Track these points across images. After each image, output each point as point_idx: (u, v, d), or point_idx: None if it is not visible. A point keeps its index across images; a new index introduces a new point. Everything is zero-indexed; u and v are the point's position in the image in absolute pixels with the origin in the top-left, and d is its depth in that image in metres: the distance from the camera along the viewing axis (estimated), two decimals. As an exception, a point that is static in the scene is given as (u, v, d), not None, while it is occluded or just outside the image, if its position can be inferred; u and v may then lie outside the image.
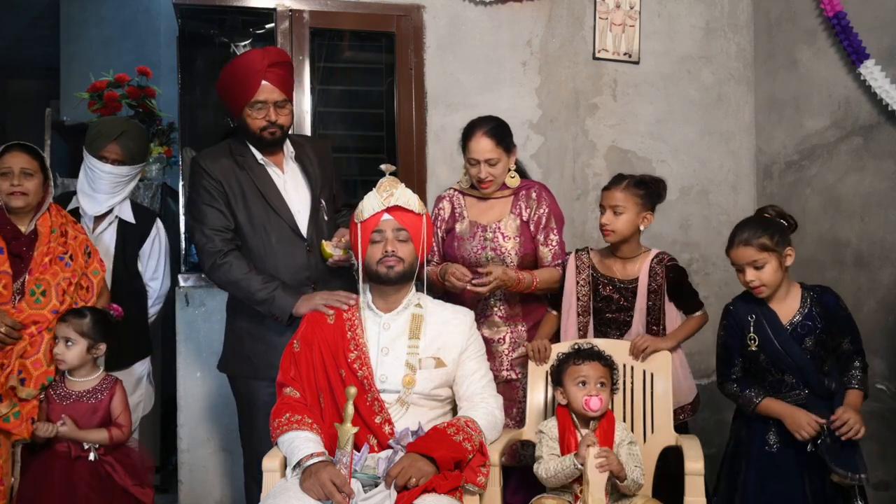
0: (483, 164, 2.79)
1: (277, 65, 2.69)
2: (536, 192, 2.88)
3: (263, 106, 2.67)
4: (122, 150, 3.07)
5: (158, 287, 3.27)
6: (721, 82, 3.95)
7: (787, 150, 3.69)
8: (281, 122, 2.70)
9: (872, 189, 3.17)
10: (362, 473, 2.14)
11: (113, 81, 4.06)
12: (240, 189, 2.70)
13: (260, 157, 2.75)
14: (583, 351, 2.41)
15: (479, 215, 2.89)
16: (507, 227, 2.85)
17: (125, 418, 2.63)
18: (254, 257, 2.68)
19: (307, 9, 3.57)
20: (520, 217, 2.86)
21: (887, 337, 3.08)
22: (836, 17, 3.31)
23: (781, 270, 2.42)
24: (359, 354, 2.32)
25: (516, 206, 2.87)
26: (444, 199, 2.97)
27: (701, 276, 3.85)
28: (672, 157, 3.89)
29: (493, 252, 2.82)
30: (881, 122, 3.13)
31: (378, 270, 2.35)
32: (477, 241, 2.85)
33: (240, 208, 2.69)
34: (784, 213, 2.53)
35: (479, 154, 2.79)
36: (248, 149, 2.76)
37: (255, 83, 2.64)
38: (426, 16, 3.69)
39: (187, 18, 3.68)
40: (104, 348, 2.65)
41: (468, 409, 2.34)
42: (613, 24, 3.82)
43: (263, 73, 2.64)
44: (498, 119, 2.87)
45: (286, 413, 2.27)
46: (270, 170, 2.76)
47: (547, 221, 2.86)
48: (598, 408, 2.32)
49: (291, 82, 2.78)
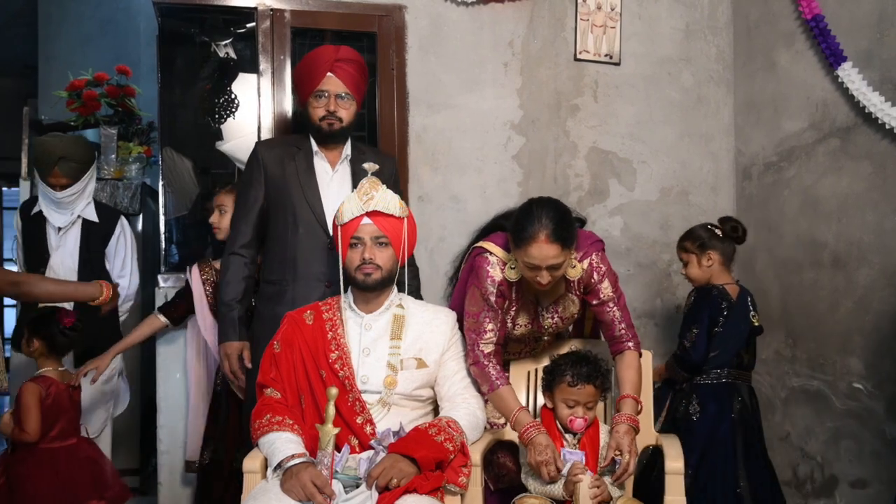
0: (545, 270, 2.35)
1: (346, 61, 2.78)
2: (588, 268, 2.51)
3: (325, 96, 2.76)
4: (65, 174, 3.18)
5: (127, 284, 3.33)
6: (701, 84, 3.97)
7: (766, 152, 3.72)
8: (340, 114, 2.79)
9: (850, 190, 3.21)
10: (343, 474, 2.14)
11: (92, 80, 4.03)
12: (282, 175, 2.80)
13: (315, 149, 2.84)
14: (579, 373, 2.33)
15: (532, 297, 2.59)
16: (565, 311, 2.60)
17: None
18: (277, 242, 2.79)
19: (288, 8, 3.55)
20: (577, 293, 2.57)
21: (864, 337, 3.11)
22: (814, 20, 3.34)
23: (699, 268, 2.98)
24: (340, 355, 2.32)
25: (572, 284, 2.54)
26: (496, 265, 2.50)
27: (681, 276, 3.87)
28: (652, 158, 3.91)
29: (550, 330, 2.65)
30: (858, 125, 3.17)
31: (356, 277, 2.35)
32: (530, 320, 2.60)
33: (276, 193, 2.80)
34: (738, 226, 2.98)
35: (541, 261, 2.32)
36: (308, 141, 2.85)
37: (321, 74, 2.75)
38: (408, 16, 3.69)
39: (167, 17, 3.66)
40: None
41: (450, 410, 2.35)
42: (594, 25, 3.84)
43: (331, 66, 2.75)
44: (556, 207, 2.39)
45: (267, 414, 2.26)
46: (320, 163, 2.85)
47: (603, 291, 2.52)
48: (581, 428, 2.33)
49: (360, 81, 2.83)
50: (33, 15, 5.46)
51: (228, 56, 3.79)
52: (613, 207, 3.86)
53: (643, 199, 3.89)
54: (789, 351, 3.52)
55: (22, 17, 5.96)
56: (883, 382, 3.03)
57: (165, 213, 3.55)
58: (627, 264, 3.83)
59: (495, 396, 2.41)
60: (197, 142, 3.86)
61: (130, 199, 3.96)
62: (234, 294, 2.77)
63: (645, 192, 3.90)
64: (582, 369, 2.34)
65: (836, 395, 3.24)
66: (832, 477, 3.27)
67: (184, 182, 3.73)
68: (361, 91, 2.87)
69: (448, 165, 3.67)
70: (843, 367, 3.21)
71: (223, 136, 3.79)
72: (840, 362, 3.23)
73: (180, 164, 3.77)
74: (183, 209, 3.76)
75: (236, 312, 2.76)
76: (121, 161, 3.97)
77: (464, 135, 3.69)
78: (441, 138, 3.68)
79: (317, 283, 2.74)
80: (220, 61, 3.79)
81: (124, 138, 4.04)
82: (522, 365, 2.70)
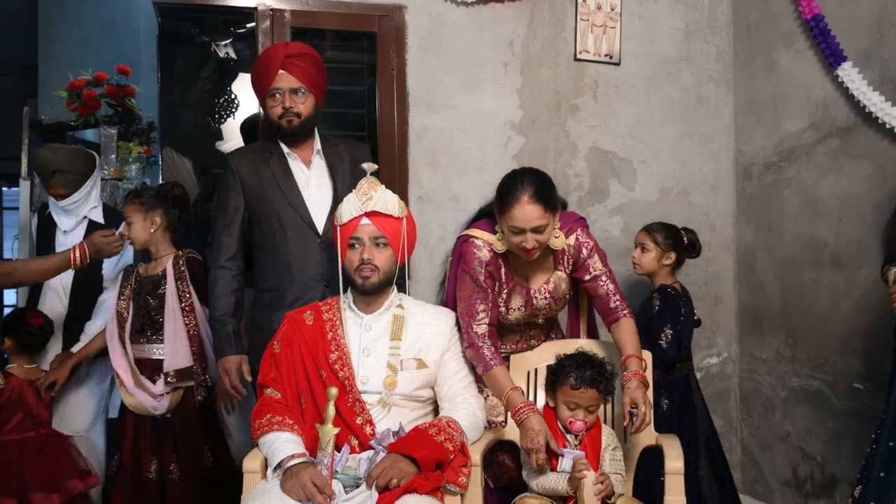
0: (529, 233, 2.44)
1: (297, 56, 2.75)
2: (576, 243, 2.60)
3: (280, 93, 2.73)
4: (62, 186, 3.21)
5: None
6: (701, 84, 3.97)
7: (766, 152, 3.72)
8: (298, 109, 2.74)
9: (850, 190, 3.21)
10: (343, 474, 2.14)
11: (92, 80, 4.02)
12: (259, 183, 2.76)
13: (286, 151, 2.80)
14: (583, 377, 2.32)
15: (523, 276, 2.65)
16: (557, 290, 2.64)
17: None
18: (266, 250, 2.75)
19: (288, 8, 3.55)
20: (566, 271, 2.64)
21: (864, 337, 3.11)
22: (814, 20, 3.34)
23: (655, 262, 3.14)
24: (340, 355, 2.32)
25: (560, 262, 2.63)
26: (483, 249, 2.58)
27: (682, 276, 3.87)
28: (652, 157, 3.91)
29: (544, 311, 2.67)
30: (858, 124, 3.17)
31: (354, 279, 2.35)
32: (524, 303, 2.64)
33: (257, 202, 2.75)
34: (694, 241, 3.25)
35: (525, 223, 2.41)
36: (279, 144, 2.81)
37: (273, 72, 2.72)
38: (408, 16, 3.68)
39: (167, 17, 3.66)
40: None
41: (450, 410, 2.35)
42: (594, 25, 3.84)
43: (281, 63, 2.71)
44: (538, 174, 2.50)
45: (267, 414, 2.27)
46: (294, 164, 2.81)
47: (594, 266, 2.58)
48: (580, 431, 2.33)
49: (314, 74, 2.79)
50: (33, 15, 5.45)
51: (228, 56, 3.79)
52: (613, 207, 3.86)
53: (643, 199, 3.89)
54: (789, 351, 3.52)
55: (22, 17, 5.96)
56: (883, 382, 3.02)
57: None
58: (627, 264, 3.82)
59: (489, 377, 2.42)
60: (197, 142, 3.86)
61: (130, 200, 3.96)
62: (226, 308, 2.71)
63: (645, 192, 3.90)
64: (586, 372, 2.33)
65: (836, 395, 3.25)
66: (832, 477, 3.27)
67: (184, 182, 3.73)
68: (318, 84, 2.81)
69: (448, 165, 3.67)
70: (843, 367, 3.21)
71: (223, 136, 3.80)
72: (840, 362, 3.23)
73: (180, 164, 3.77)
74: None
75: (230, 326, 2.70)
76: (121, 161, 3.97)
77: (464, 135, 3.69)
78: (441, 138, 3.68)
79: (315, 284, 2.72)
80: (220, 61, 3.79)
81: (124, 138, 4.04)
82: (523, 365, 2.69)
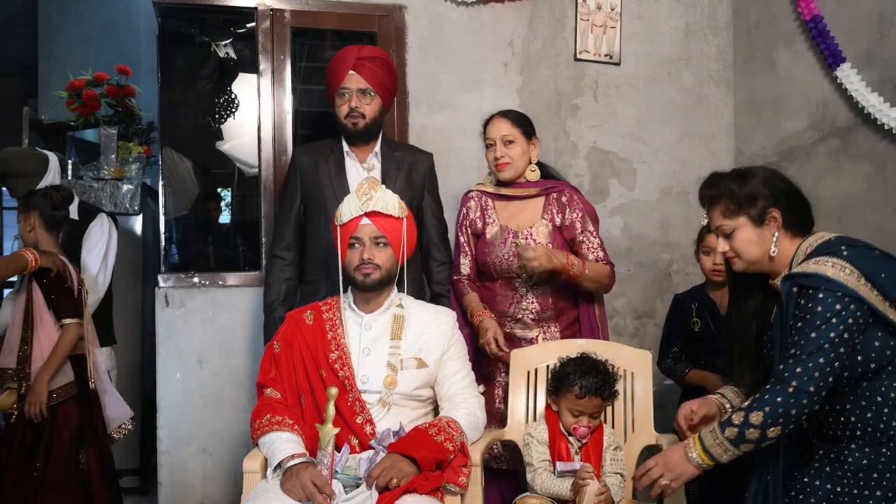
0: (499, 144, 2.76)
1: (368, 58, 2.82)
2: (567, 196, 2.80)
3: (347, 93, 2.81)
4: (13, 189, 3.19)
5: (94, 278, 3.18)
6: (701, 84, 3.98)
7: (766, 152, 3.72)
8: (363, 110, 2.82)
9: (849, 190, 3.21)
10: (343, 474, 2.14)
11: (92, 80, 4.03)
12: (315, 178, 2.87)
13: (346, 149, 2.89)
14: (587, 386, 2.31)
15: (509, 219, 2.83)
16: (539, 234, 2.76)
17: None
18: (314, 245, 2.86)
19: (288, 8, 3.55)
20: (552, 223, 2.78)
21: (864, 336, 3.11)
22: (813, 21, 3.34)
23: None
24: (340, 355, 2.32)
25: (548, 211, 2.79)
26: (472, 199, 2.91)
27: (681, 276, 3.88)
28: (652, 158, 3.91)
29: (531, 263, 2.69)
30: (858, 125, 3.17)
31: (355, 277, 2.35)
32: (508, 248, 2.77)
33: (311, 196, 2.87)
34: None
35: (495, 133, 2.77)
36: (341, 142, 2.90)
37: (343, 72, 2.80)
38: (408, 16, 3.69)
39: (167, 17, 3.65)
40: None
41: (450, 410, 2.35)
42: (594, 25, 3.84)
43: (353, 63, 2.79)
44: (519, 111, 2.90)
45: (267, 414, 2.26)
46: (351, 163, 2.90)
47: (583, 225, 2.78)
48: (584, 436, 2.33)
49: (384, 77, 2.85)
50: (33, 15, 5.46)
51: (228, 56, 3.79)
52: (614, 207, 3.86)
53: (643, 199, 3.90)
54: (789, 351, 3.52)
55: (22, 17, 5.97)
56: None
57: (165, 213, 3.55)
58: (627, 264, 3.83)
59: (466, 300, 2.79)
60: (197, 142, 3.85)
61: (130, 199, 3.96)
62: (275, 296, 2.83)
63: (645, 192, 3.90)
64: (591, 381, 2.32)
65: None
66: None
67: (184, 182, 3.73)
68: (387, 87, 2.88)
69: (448, 165, 3.67)
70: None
71: (223, 136, 3.79)
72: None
73: (180, 164, 3.76)
74: (183, 209, 3.76)
75: (278, 313, 2.78)
76: (121, 161, 3.98)
77: (464, 135, 3.69)
78: (441, 138, 3.68)
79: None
80: (220, 61, 3.79)
81: (124, 138, 4.05)
82: (523, 363, 2.69)
